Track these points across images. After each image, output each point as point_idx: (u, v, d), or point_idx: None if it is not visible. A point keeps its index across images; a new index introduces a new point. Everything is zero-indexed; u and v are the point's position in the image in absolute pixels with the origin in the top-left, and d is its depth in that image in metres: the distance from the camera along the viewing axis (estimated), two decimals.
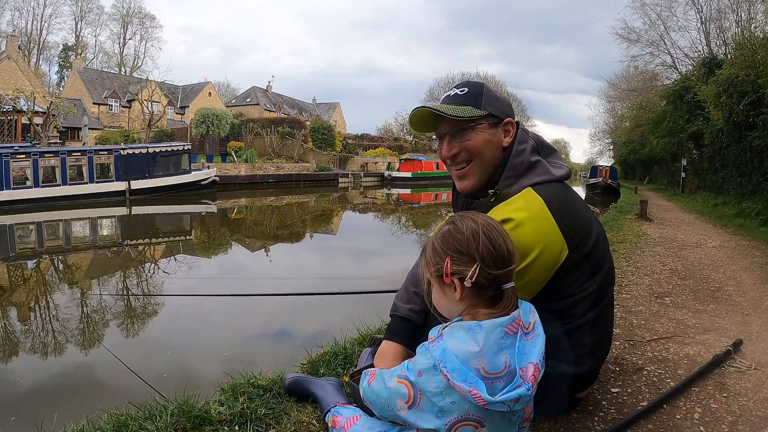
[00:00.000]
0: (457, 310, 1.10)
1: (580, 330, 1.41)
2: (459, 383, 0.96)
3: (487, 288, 1.05)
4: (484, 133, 1.41)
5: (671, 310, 2.96)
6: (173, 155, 18.38)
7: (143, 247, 9.61)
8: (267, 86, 54.85)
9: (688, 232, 7.41)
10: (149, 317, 5.01)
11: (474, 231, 1.06)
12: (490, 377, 0.99)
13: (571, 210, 1.36)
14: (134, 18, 52.24)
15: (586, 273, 1.39)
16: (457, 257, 1.06)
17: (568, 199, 1.38)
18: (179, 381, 2.91)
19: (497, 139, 1.43)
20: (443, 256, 1.07)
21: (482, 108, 1.40)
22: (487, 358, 1.00)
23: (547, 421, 1.53)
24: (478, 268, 1.03)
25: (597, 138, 51.76)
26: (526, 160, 1.39)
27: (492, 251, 1.05)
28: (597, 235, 1.42)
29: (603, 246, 1.47)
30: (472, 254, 1.05)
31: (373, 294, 2.21)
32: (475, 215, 1.13)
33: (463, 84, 1.48)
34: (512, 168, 1.39)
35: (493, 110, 1.42)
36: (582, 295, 1.40)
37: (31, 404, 3.01)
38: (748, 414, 1.65)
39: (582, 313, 1.40)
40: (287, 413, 1.52)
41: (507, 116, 1.44)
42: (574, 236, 1.33)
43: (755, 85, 9.41)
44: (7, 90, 24.06)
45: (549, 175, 1.38)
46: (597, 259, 1.41)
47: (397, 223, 14.81)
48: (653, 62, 23.97)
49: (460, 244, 1.06)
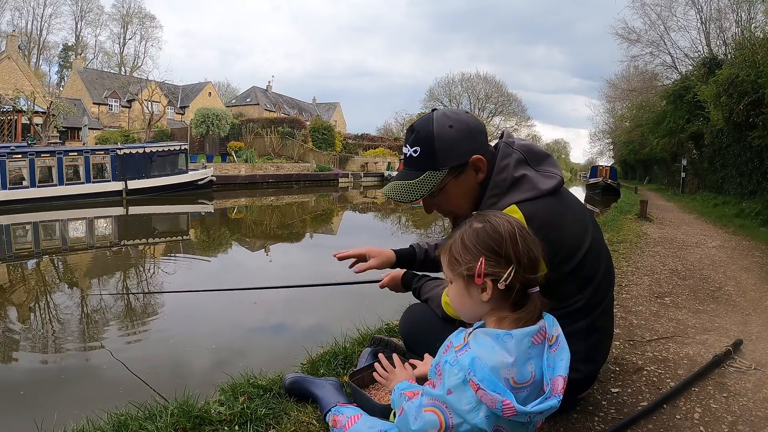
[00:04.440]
0: (480, 312, 1.07)
1: (573, 336, 1.35)
2: (491, 393, 0.94)
3: (517, 292, 1.02)
4: (452, 188, 1.38)
5: (671, 310, 2.96)
6: (170, 155, 18.38)
7: (141, 247, 9.61)
8: (267, 86, 54.86)
9: (688, 232, 7.41)
10: (148, 317, 5.00)
11: (512, 233, 1.03)
12: (516, 387, 0.98)
13: (556, 227, 1.31)
14: (134, 18, 52.29)
15: (572, 288, 1.37)
16: (493, 258, 1.02)
17: (553, 216, 1.32)
18: (179, 381, 2.91)
19: (468, 183, 1.39)
20: (477, 255, 1.02)
21: (441, 168, 1.35)
22: (517, 368, 0.98)
23: (547, 421, 1.52)
24: (513, 271, 1.00)
25: (597, 138, 51.76)
26: (509, 176, 1.35)
27: (527, 255, 1.03)
28: (588, 248, 1.38)
29: (595, 257, 1.41)
30: (510, 256, 1.01)
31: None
32: (507, 215, 1.10)
33: (415, 138, 1.38)
34: (495, 186, 1.35)
35: (453, 161, 1.35)
36: (568, 310, 1.38)
37: (31, 404, 3.01)
38: (748, 414, 1.65)
39: (570, 324, 1.36)
40: (287, 413, 1.52)
41: (472, 154, 1.36)
42: (556, 255, 1.28)
43: (755, 85, 9.41)
44: (7, 90, 24.06)
45: (536, 190, 1.33)
46: (586, 272, 1.38)
47: (397, 223, 14.81)
48: (653, 62, 23.99)
49: (498, 245, 1.02)
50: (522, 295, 1.04)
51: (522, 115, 55.66)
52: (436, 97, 55.13)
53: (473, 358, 0.97)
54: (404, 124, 53.78)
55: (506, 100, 53.86)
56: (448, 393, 1.00)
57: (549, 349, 1.03)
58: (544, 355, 1.02)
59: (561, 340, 1.06)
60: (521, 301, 1.04)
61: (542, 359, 1.01)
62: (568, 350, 1.05)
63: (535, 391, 1.00)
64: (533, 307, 1.03)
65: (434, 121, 1.37)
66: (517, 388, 0.98)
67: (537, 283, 1.05)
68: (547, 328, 1.05)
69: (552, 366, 1.02)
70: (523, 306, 1.04)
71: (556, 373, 1.01)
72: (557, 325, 1.08)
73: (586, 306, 1.40)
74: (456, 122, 1.37)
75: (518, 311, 1.04)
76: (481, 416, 0.96)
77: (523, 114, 55.88)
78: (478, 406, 0.96)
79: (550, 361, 1.02)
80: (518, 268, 1.01)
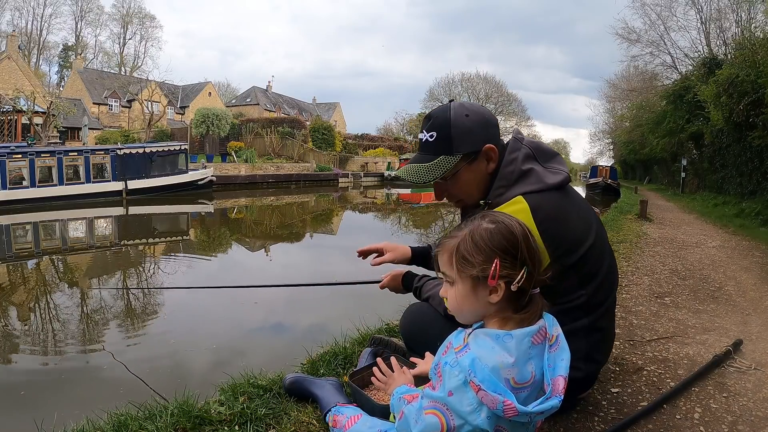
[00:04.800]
0: (484, 313, 1.07)
1: (574, 335, 1.38)
2: (491, 394, 0.94)
3: (526, 293, 1.02)
4: (464, 174, 1.44)
5: (671, 310, 2.97)
6: (170, 155, 18.38)
7: (141, 247, 9.61)
8: (267, 86, 54.85)
9: (688, 232, 7.41)
10: (148, 317, 5.00)
11: (524, 235, 1.03)
12: (517, 387, 0.98)
13: (560, 221, 1.33)
14: (134, 18, 52.29)
15: (573, 283, 1.37)
16: (508, 259, 1.01)
17: (558, 209, 1.35)
18: (179, 381, 2.91)
19: (479, 170, 1.44)
20: (491, 256, 1.01)
21: (455, 152, 1.41)
22: (518, 369, 0.98)
23: (547, 421, 1.52)
24: (525, 272, 1.00)
25: (597, 138, 51.80)
26: (517, 169, 1.39)
27: (536, 256, 1.03)
28: (592, 244, 1.39)
29: (599, 254, 1.43)
30: (523, 258, 1.01)
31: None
32: (513, 217, 1.10)
33: (431, 125, 1.44)
34: (503, 177, 1.40)
35: (467, 147, 1.41)
36: (570, 306, 1.38)
37: (31, 404, 3.01)
38: (748, 414, 1.65)
39: (572, 321, 1.38)
40: (287, 413, 1.52)
41: (485, 143, 1.42)
42: (558, 247, 1.30)
43: (755, 85, 9.41)
44: (7, 90, 24.06)
45: (542, 183, 1.36)
46: (588, 268, 1.39)
47: (397, 223, 14.81)
48: (653, 62, 23.99)
49: (513, 246, 1.01)
50: (526, 296, 1.04)
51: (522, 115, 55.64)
52: (436, 97, 55.13)
53: (473, 359, 0.97)
54: (404, 124, 53.84)
55: (506, 100, 53.84)
56: (449, 395, 0.99)
57: (549, 349, 1.03)
58: (545, 355, 1.01)
59: (561, 340, 1.06)
60: (524, 302, 1.04)
61: (543, 359, 1.01)
62: (568, 350, 1.05)
63: (536, 391, 1.00)
64: (536, 308, 1.03)
65: (452, 109, 1.43)
66: (518, 389, 0.98)
67: (538, 284, 1.05)
68: (547, 327, 1.05)
69: (552, 366, 1.02)
70: (525, 307, 1.04)
71: (556, 373, 1.01)
72: (557, 325, 1.08)
73: (588, 304, 1.41)
74: (472, 113, 1.43)
75: (521, 312, 1.03)
76: (482, 417, 0.96)
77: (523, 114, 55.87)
78: (480, 407, 0.96)
79: (551, 361, 1.02)
80: (532, 270, 1.00)
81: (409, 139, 47.73)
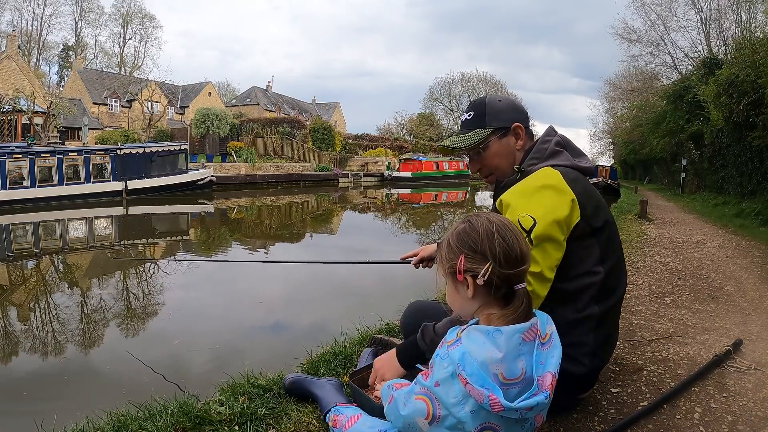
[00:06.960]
0: (470, 307, 1.11)
1: (584, 324, 1.43)
2: (477, 388, 0.95)
3: (499, 287, 1.05)
4: (495, 146, 1.62)
5: (671, 310, 2.97)
6: (170, 155, 18.37)
7: (141, 247, 9.61)
8: (267, 86, 54.83)
9: (688, 232, 7.41)
10: (149, 317, 5.01)
11: (488, 230, 1.07)
12: (506, 383, 0.99)
13: (588, 188, 1.48)
14: (134, 18, 52.25)
15: (595, 253, 1.45)
16: (471, 255, 1.06)
17: (585, 182, 1.50)
18: (179, 381, 2.91)
19: (509, 145, 1.61)
20: (457, 253, 1.08)
21: (487, 126, 1.61)
22: (507, 364, 1.00)
23: (547, 421, 1.52)
24: (491, 267, 1.04)
25: (597, 138, 51.78)
26: (550, 147, 1.56)
27: (505, 251, 1.05)
28: (608, 221, 1.51)
29: (613, 235, 1.53)
30: (485, 253, 1.05)
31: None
32: (490, 215, 1.14)
33: (470, 106, 1.68)
34: (537, 151, 1.56)
35: (498, 123, 1.60)
36: (590, 280, 1.43)
37: (32, 404, 3.01)
38: (748, 414, 1.65)
39: (586, 303, 1.43)
40: (287, 413, 1.52)
41: (513, 121, 1.61)
42: (586, 207, 1.42)
43: (755, 85, 9.40)
44: (7, 90, 24.05)
45: (571, 162, 1.53)
46: (606, 243, 1.48)
47: (397, 223, 14.81)
48: (653, 62, 23.97)
49: (475, 243, 1.07)
50: (508, 291, 1.06)
51: None
52: (436, 97, 55.20)
53: (464, 353, 1.00)
54: (404, 124, 53.84)
55: None
56: (435, 385, 1.02)
57: (541, 346, 1.05)
58: (534, 352, 1.03)
59: (555, 338, 1.09)
60: (509, 297, 1.07)
61: (533, 356, 1.03)
62: (560, 348, 1.08)
63: (527, 388, 1.01)
64: (519, 303, 1.06)
65: (488, 96, 1.71)
66: (507, 384, 0.99)
67: (522, 279, 1.08)
68: (540, 326, 1.07)
69: (543, 363, 1.04)
70: (508, 303, 1.06)
71: (546, 370, 1.03)
72: (551, 324, 1.10)
73: (602, 288, 1.45)
74: (504, 99, 1.69)
75: (505, 308, 1.06)
76: (466, 410, 0.98)
77: None
78: (465, 399, 0.98)
79: (542, 357, 1.04)
80: (494, 264, 1.04)
81: (409, 139, 47.71)
